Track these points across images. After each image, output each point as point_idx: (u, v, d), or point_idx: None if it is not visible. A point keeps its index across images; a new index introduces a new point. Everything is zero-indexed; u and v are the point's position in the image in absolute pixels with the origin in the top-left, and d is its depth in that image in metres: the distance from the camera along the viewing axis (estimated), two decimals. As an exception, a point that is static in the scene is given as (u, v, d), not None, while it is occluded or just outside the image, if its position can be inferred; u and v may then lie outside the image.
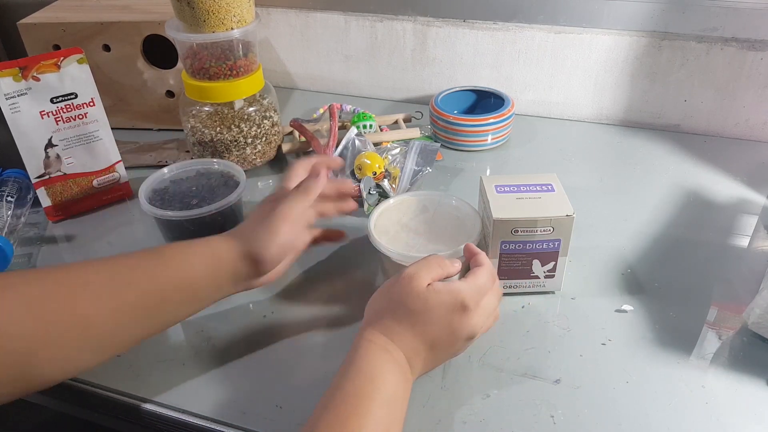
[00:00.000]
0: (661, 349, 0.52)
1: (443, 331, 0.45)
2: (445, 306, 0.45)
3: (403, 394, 0.43)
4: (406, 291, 0.46)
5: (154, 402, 0.49)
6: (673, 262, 0.63)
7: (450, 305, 0.45)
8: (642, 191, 0.74)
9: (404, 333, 0.45)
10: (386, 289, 0.48)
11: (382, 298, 0.48)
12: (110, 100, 0.86)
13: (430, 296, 0.45)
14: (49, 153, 0.68)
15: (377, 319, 0.46)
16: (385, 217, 0.60)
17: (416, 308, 0.45)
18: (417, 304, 0.45)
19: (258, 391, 0.50)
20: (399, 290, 0.46)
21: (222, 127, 0.75)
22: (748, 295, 0.56)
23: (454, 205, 0.61)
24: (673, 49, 0.82)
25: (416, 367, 0.45)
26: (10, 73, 0.63)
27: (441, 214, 0.60)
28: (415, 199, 0.62)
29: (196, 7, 0.67)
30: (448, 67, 0.95)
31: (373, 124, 0.85)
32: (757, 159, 0.81)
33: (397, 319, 0.45)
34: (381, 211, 0.60)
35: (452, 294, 0.45)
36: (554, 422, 0.46)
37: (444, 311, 0.45)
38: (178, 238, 0.64)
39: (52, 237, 0.70)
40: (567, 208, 0.54)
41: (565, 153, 0.84)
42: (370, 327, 0.46)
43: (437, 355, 0.46)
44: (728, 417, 0.46)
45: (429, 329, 0.45)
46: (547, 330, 0.55)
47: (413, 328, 0.45)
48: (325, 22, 0.98)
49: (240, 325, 0.56)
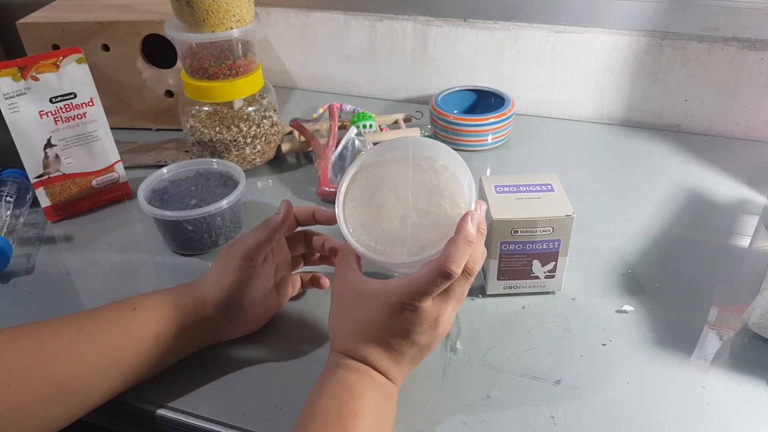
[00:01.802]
0: (662, 350, 0.52)
1: (394, 337, 0.43)
2: (380, 309, 0.43)
3: (386, 407, 0.43)
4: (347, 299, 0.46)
5: (153, 403, 0.49)
6: (674, 262, 0.62)
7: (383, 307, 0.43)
8: (642, 191, 0.74)
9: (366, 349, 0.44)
10: (334, 302, 0.48)
11: (337, 316, 0.47)
12: (109, 100, 0.86)
13: (366, 302, 0.44)
14: (48, 153, 0.68)
15: (341, 342, 0.46)
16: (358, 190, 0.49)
17: (359, 318, 0.44)
18: (358, 313, 0.45)
19: (258, 391, 0.50)
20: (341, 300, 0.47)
21: (221, 127, 0.74)
22: (749, 295, 0.56)
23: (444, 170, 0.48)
24: (674, 49, 0.82)
25: (394, 375, 0.45)
26: (9, 72, 0.63)
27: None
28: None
29: (195, 7, 0.67)
30: (448, 66, 0.95)
31: (373, 123, 0.85)
32: (758, 159, 0.81)
33: (355, 339, 0.45)
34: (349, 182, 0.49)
35: (383, 295, 0.43)
36: (554, 423, 0.46)
37: (381, 315, 0.43)
38: (178, 238, 0.64)
39: (51, 237, 0.70)
40: (567, 208, 0.54)
41: (566, 153, 0.83)
42: (337, 351, 0.46)
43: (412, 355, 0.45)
44: (729, 417, 0.46)
45: (381, 336, 0.44)
46: (547, 330, 0.55)
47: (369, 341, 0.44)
48: (325, 22, 0.98)
49: (239, 325, 0.56)
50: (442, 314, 0.43)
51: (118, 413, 0.50)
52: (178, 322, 0.49)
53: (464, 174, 0.46)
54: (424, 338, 0.44)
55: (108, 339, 0.46)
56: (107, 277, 0.63)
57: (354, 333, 0.45)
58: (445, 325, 0.44)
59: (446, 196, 0.46)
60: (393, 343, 0.44)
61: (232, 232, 0.67)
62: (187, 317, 0.49)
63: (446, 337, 0.54)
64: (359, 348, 0.44)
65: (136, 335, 0.47)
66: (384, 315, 0.43)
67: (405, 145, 0.48)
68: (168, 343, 0.48)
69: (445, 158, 0.48)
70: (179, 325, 0.49)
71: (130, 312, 0.48)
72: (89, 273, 0.64)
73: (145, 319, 0.48)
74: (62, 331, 0.46)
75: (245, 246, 0.49)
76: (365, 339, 0.44)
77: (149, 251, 0.67)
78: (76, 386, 0.44)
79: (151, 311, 0.48)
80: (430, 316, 0.43)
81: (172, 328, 0.48)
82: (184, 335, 0.49)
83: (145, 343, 0.47)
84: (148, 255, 0.66)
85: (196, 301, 0.50)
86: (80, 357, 0.44)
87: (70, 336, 0.45)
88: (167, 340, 0.48)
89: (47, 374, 0.43)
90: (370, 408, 0.41)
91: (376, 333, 0.44)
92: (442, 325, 0.44)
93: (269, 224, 0.50)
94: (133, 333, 0.47)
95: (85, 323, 0.47)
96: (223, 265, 0.50)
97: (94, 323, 0.47)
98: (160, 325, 0.48)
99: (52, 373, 0.43)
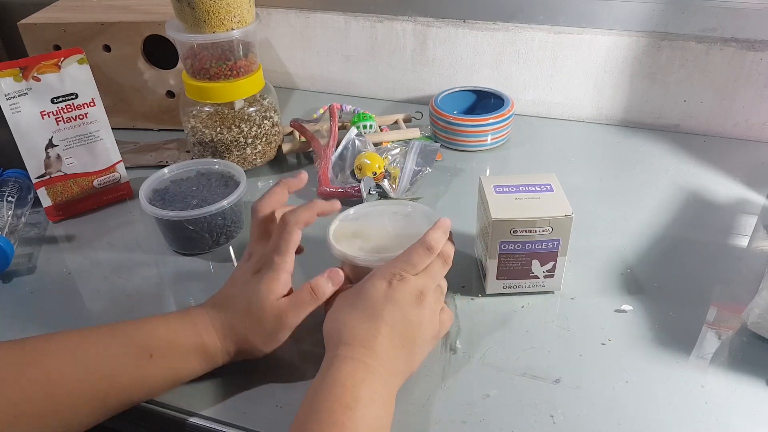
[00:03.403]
0: (661, 349, 0.52)
1: (385, 307, 0.45)
2: (371, 284, 0.47)
3: (381, 393, 0.43)
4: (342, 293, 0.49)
5: (154, 402, 0.49)
6: (673, 262, 0.63)
7: (374, 282, 0.47)
8: (641, 191, 0.74)
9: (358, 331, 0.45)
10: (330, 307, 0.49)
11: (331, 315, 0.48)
12: (111, 101, 0.86)
13: (359, 284, 0.48)
14: (49, 153, 0.68)
15: (335, 334, 0.46)
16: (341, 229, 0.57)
17: (353, 301, 0.47)
18: (352, 297, 0.47)
19: (258, 391, 0.50)
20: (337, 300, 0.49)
21: (222, 128, 0.75)
22: (748, 295, 0.56)
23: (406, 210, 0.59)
24: (673, 50, 0.83)
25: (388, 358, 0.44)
26: (11, 73, 0.63)
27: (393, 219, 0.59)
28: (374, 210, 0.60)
29: (196, 8, 0.67)
30: (448, 67, 0.95)
31: (373, 124, 0.85)
32: (756, 159, 0.81)
33: (348, 323, 0.46)
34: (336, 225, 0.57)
35: (374, 273, 0.48)
36: (554, 422, 0.47)
37: (372, 289, 0.46)
38: (179, 238, 0.65)
39: (52, 237, 0.70)
40: (566, 208, 0.54)
41: (565, 153, 0.84)
42: (331, 344, 0.46)
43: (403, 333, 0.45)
44: (728, 417, 0.47)
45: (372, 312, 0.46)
46: (546, 330, 0.55)
47: (362, 321, 0.46)
48: (325, 23, 0.98)
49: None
50: (425, 290, 0.47)
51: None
52: (198, 369, 0.48)
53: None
54: (413, 312, 0.46)
55: (120, 383, 0.45)
56: (108, 277, 0.63)
57: (348, 317, 0.46)
58: (430, 307, 0.48)
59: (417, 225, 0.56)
60: (385, 316, 0.45)
61: (233, 232, 0.67)
62: (207, 365, 0.49)
63: (446, 336, 0.54)
64: (352, 328, 0.45)
65: (151, 382, 0.46)
66: (376, 288, 0.46)
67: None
68: (182, 381, 0.49)
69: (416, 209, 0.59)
70: (197, 371, 0.49)
71: (145, 359, 0.46)
72: (90, 273, 0.64)
73: (162, 367, 0.47)
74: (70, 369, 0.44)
75: (295, 320, 0.49)
76: (357, 318, 0.46)
77: (150, 251, 0.67)
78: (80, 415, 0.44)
79: (169, 360, 0.47)
80: (416, 288, 0.47)
81: (188, 375, 0.48)
82: (200, 374, 0.49)
83: (159, 386, 0.47)
84: (149, 255, 0.67)
85: (223, 356, 0.49)
86: (91, 402, 0.44)
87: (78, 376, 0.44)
88: (181, 380, 0.48)
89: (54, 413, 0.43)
90: (364, 398, 0.41)
91: (370, 310, 0.46)
92: (427, 304, 0.47)
93: (318, 298, 0.49)
94: (148, 381, 0.46)
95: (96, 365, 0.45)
96: (270, 333, 0.49)
97: (106, 366, 0.45)
98: (178, 372, 0.48)
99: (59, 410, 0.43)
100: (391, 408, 0.44)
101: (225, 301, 0.50)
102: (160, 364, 0.46)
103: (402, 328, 0.45)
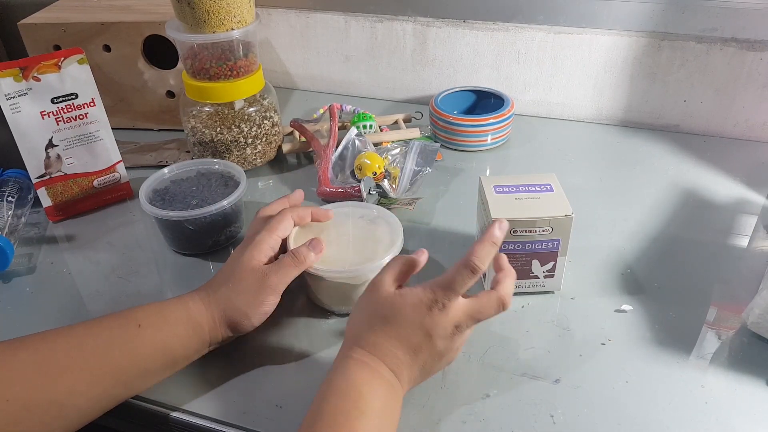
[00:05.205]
0: (661, 349, 0.53)
1: (417, 333, 0.44)
2: (411, 306, 0.44)
3: (393, 406, 0.43)
4: (374, 299, 0.46)
5: (153, 402, 0.50)
6: (673, 262, 0.63)
7: (414, 304, 0.44)
8: (641, 191, 0.74)
9: (383, 343, 0.44)
10: (358, 304, 0.48)
11: (358, 313, 0.47)
12: (111, 101, 0.86)
13: (396, 300, 0.45)
14: (49, 153, 0.68)
15: (355, 335, 0.46)
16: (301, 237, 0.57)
17: (387, 314, 0.44)
18: (386, 310, 0.45)
19: (258, 391, 0.50)
20: (368, 301, 0.46)
21: (222, 128, 0.75)
22: (748, 295, 0.56)
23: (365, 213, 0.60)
24: (673, 50, 0.83)
25: (403, 377, 0.44)
26: (11, 73, 0.63)
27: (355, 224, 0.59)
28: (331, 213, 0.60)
29: (196, 8, 0.67)
30: (448, 67, 0.95)
31: (373, 124, 0.85)
32: (756, 159, 0.81)
33: (374, 331, 0.45)
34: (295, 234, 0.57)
35: (415, 293, 0.44)
36: (554, 422, 0.47)
37: (411, 311, 0.44)
38: (179, 238, 0.65)
39: (52, 237, 0.70)
40: (566, 208, 0.54)
41: (565, 153, 0.84)
42: (349, 344, 0.45)
43: (425, 360, 0.45)
44: (728, 417, 0.47)
45: (403, 333, 0.44)
46: (546, 330, 0.55)
47: (389, 336, 0.44)
48: (325, 23, 0.98)
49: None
50: (462, 326, 0.44)
51: (117, 412, 0.50)
52: (187, 341, 0.49)
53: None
54: (443, 344, 0.44)
55: (112, 357, 0.45)
56: (108, 277, 0.63)
57: (377, 326, 0.45)
58: (461, 340, 0.46)
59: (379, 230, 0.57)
60: (413, 340, 0.44)
61: (233, 232, 0.67)
62: (196, 336, 0.49)
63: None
64: (376, 338, 0.44)
65: (142, 353, 0.47)
66: (414, 312, 0.44)
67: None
68: (174, 357, 0.48)
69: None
70: (188, 344, 0.49)
71: (134, 329, 0.47)
72: (90, 273, 0.64)
73: (150, 336, 0.47)
74: (63, 344, 0.45)
75: (277, 281, 0.50)
76: (385, 332, 0.44)
77: (150, 251, 0.67)
78: (78, 402, 0.44)
79: (157, 329, 0.48)
80: (454, 322, 0.44)
81: (179, 347, 0.48)
82: (192, 350, 0.49)
83: (152, 360, 0.47)
84: (149, 255, 0.67)
85: (210, 324, 0.49)
86: (83, 374, 0.44)
87: (71, 353, 0.44)
88: (173, 355, 0.48)
89: (48, 391, 0.42)
90: (378, 407, 0.41)
91: (402, 330, 0.44)
92: (459, 339, 0.45)
93: (300, 262, 0.52)
94: (138, 351, 0.46)
95: (87, 338, 0.46)
96: (253, 295, 0.50)
97: (98, 340, 0.46)
98: (167, 342, 0.48)
99: (53, 389, 0.42)
100: (398, 420, 0.44)
101: (213, 278, 0.53)
102: (148, 333, 0.47)
103: (426, 357, 0.45)
